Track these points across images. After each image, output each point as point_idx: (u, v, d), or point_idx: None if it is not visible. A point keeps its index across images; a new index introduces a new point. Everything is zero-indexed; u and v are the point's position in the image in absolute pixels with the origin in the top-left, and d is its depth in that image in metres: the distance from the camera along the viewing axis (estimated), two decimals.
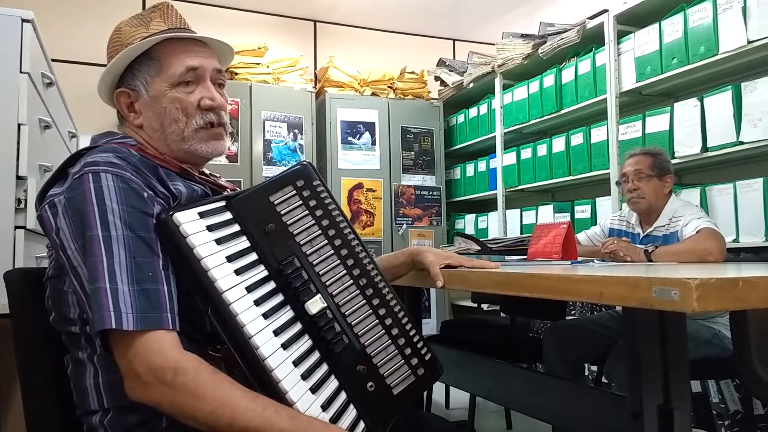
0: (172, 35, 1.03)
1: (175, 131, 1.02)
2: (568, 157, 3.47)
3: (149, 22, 1.05)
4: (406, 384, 0.99)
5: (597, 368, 2.59)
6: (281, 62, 4.20)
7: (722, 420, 2.54)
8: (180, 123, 1.02)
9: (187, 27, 1.08)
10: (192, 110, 1.02)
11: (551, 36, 3.54)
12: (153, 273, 0.86)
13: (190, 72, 1.02)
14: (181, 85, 1.02)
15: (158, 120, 1.02)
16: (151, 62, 1.02)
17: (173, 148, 1.03)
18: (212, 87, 1.05)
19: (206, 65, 1.04)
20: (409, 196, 4.41)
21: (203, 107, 1.03)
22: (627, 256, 2.05)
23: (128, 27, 1.05)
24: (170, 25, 1.05)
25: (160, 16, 1.06)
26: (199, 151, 1.04)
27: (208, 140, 1.04)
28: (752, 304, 0.80)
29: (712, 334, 2.05)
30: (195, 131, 1.03)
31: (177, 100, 1.02)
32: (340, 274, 0.98)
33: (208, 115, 1.04)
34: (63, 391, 0.98)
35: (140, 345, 0.81)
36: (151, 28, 1.04)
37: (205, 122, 1.04)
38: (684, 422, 1.11)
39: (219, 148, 1.06)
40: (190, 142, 1.03)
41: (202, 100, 1.03)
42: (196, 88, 1.03)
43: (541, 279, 1.05)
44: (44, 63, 1.87)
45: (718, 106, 2.54)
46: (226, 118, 1.07)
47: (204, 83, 1.04)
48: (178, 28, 1.06)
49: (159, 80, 1.02)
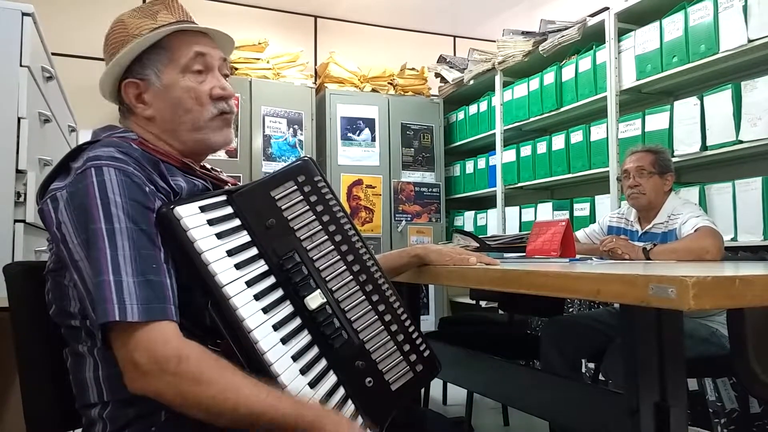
0: (185, 27, 1.05)
1: (188, 120, 1.03)
2: (568, 154, 3.47)
3: (155, 14, 1.06)
4: (405, 380, 1.00)
5: (594, 365, 2.60)
6: (281, 57, 4.20)
7: (718, 418, 2.55)
8: (194, 112, 1.04)
9: (192, 19, 1.10)
10: (205, 99, 1.04)
11: (552, 33, 3.54)
12: (156, 265, 0.86)
13: (199, 58, 1.04)
14: (193, 73, 1.04)
15: (171, 109, 1.03)
16: (161, 51, 1.03)
17: (184, 138, 1.04)
18: (220, 76, 1.08)
19: (213, 54, 1.07)
20: (409, 193, 4.41)
21: (215, 96, 1.05)
22: (625, 254, 2.05)
23: (133, 19, 1.06)
24: (177, 17, 1.07)
25: (165, 8, 1.07)
26: (211, 140, 1.06)
27: (222, 128, 1.07)
28: (749, 302, 0.80)
29: (709, 332, 2.05)
30: (209, 120, 1.05)
31: (191, 90, 1.03)
32: (340, 269, 0.99)
33: (220, 104, 1.06)
34: (62, 384, 0.99)
35: (143, 336, 0.82)
36: (159, 20, 1.05)
37: (219, 110, 1.06)
38: (680, 420, 1.11)
39: (230, 137, 1.10)
40: (205, 131, 1.05)
41: (213, 89, 1.05)
42: (207, 77, 1.05)
43: (539, 276, 1.05)
44: (44, 57, 1.87)
45: (718, 104, 2.55)
46: (234, 108, 1.10)
47: (213, 72, 1.06)
48: (185, 21, 1.07)
49: (170, 68, 1.03)
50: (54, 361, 1.00)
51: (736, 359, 1.39)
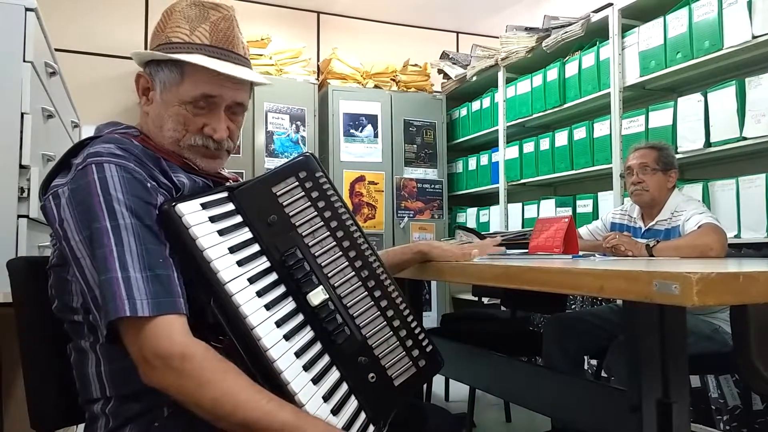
0: (198, 61, 0.97)
1: (171, 137, 1.00)
2: (571, 151, 3.46)
3: (199, 24, 1.00)
4: (407, 376, 1.00)
5: (596, 362, 2.60)
6: (284, 54, 4.19)
7: (721, 415, 2.55)
8: (178, 133, 1.00)
9: (232, 47, 1.02)
10: (193, 129, 1.00)
11: (555, 29, 3.53)
12: (164, 260, 0.87)
13: (205, 99, 0.99)
14: (193, 105, 0.99)
15: (161, 120, 1.01)
16: (175, 71, 0.99)
17: (167, 146, 1.01)
18: (223, 118, 1.02)
19: (225, 96, 1.01)
20: (411, 189, 4.41)
21: (205, 134, 1.01)
22: (628, 251, 2.04)
23: (180, 16, 1.01)
24: (214, 41, 1.00)
25: (211, 24, 1.01)
26: (192, 160, 1.02)
27: (203, 157, 1.03)
28: (752, 298, 0.80)
29: (712, 329, 2.05)
30: (190, 146, 1.01)
31: (182, 116, 0.99)
32: (342, 265, 0.99)
33: (207, 139, 1.01)
34: (65, 379, 0.99)
35: (150, 330, 0.82)
36: (195, 34, 1.00)
37: (203, 144, 1.01)
38: (682, 416, 1.11)
39: (213, 166, 1.04)
40: (184, 152, 1.01)
41: (205, 127, 1.01)
42: (206, 114, 1.01)
43: (541, 272, 1.05)
44: (47, 52, 1.87)
45: (722, 101, 2.53)
46: (227, 144, 1.04)
47: (215, 112, 1.01)
48: (219, 48, 1.00)
49: (174, 92, 0.99)
50: (57, 357, 1.00)
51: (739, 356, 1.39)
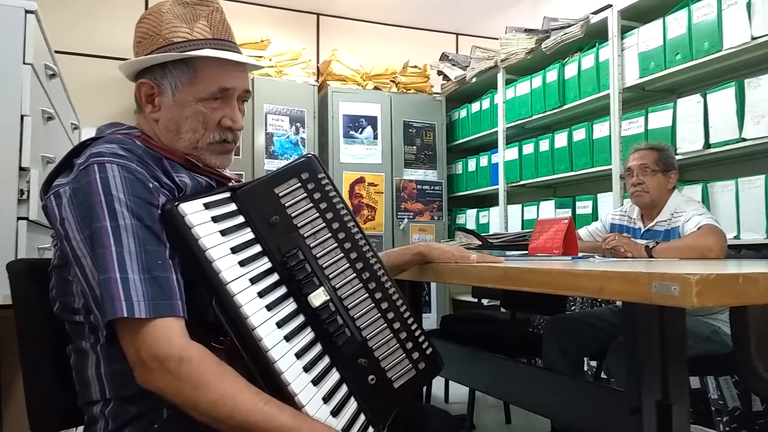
0: (215, 54, 1.00)
1: (189, 139, 1.02)
2: (570, 152, 3.46)
3: (195, 20, 1.02)
4: (407, 378, 1.00)
5: (596, 363, 2.60)
6: (284, 55, 4.19)
7: (720, 416, 2.55)
8: (197, 134, 1.02)
9: (229, 37, 1.05)
10: (212, 126, 1.03)
11: (555, 31, 3.53)
12: (162, 261, 0.87)
13: (222, 92, 1.02)
14: (209, 100, 1.01)
15: (176, 124, 1.02)
16: (186, 69, 1.00)
17: (181, 149, 1.03)
18: (236, 107, 1.05)
19: (238, 86, 1.04)
20: (411, 191, 4.41)
21: (223, 126, 1.03)
22: (628, 252, 2.05)
23: (171, 16, 1.02)
24: (215, 34, 1.02)
25: (206, 18, 1.03)
26: (207, 160, 1.04)
27: (219, 154, 1.05)
28: (752, 299, 0.80)
29: (712, 330, 2.05)
30: (209, 144, 1.03)
31: (201, 114, 1.01)
32: (343, 267, 0.99)
33: (225, 132, 1.04)
34: (65, 381, 0.99)
35: (147, 332, 0.82)
36: (195, 31, 1.01)
37: (221, 138, 1.04)
38: (682, 418, 1.11)
39: (226, 163, 1.08)
40: (201, 152, 1.03)
41: (223, 119, 1.03)
42: (221, 105, 1.03)
43: (541, 273, 1.05)
44: (47, 54, 1.87)
45: (721, 102, 2.54)
46: (239, 137, 1.08)
47: (230, 102, 1.04)
48: (222, 40, 1.03)
49: (189, 90, 1.00)
50: (57, 359, 1.00)
51: (739, 357, 1.39)
